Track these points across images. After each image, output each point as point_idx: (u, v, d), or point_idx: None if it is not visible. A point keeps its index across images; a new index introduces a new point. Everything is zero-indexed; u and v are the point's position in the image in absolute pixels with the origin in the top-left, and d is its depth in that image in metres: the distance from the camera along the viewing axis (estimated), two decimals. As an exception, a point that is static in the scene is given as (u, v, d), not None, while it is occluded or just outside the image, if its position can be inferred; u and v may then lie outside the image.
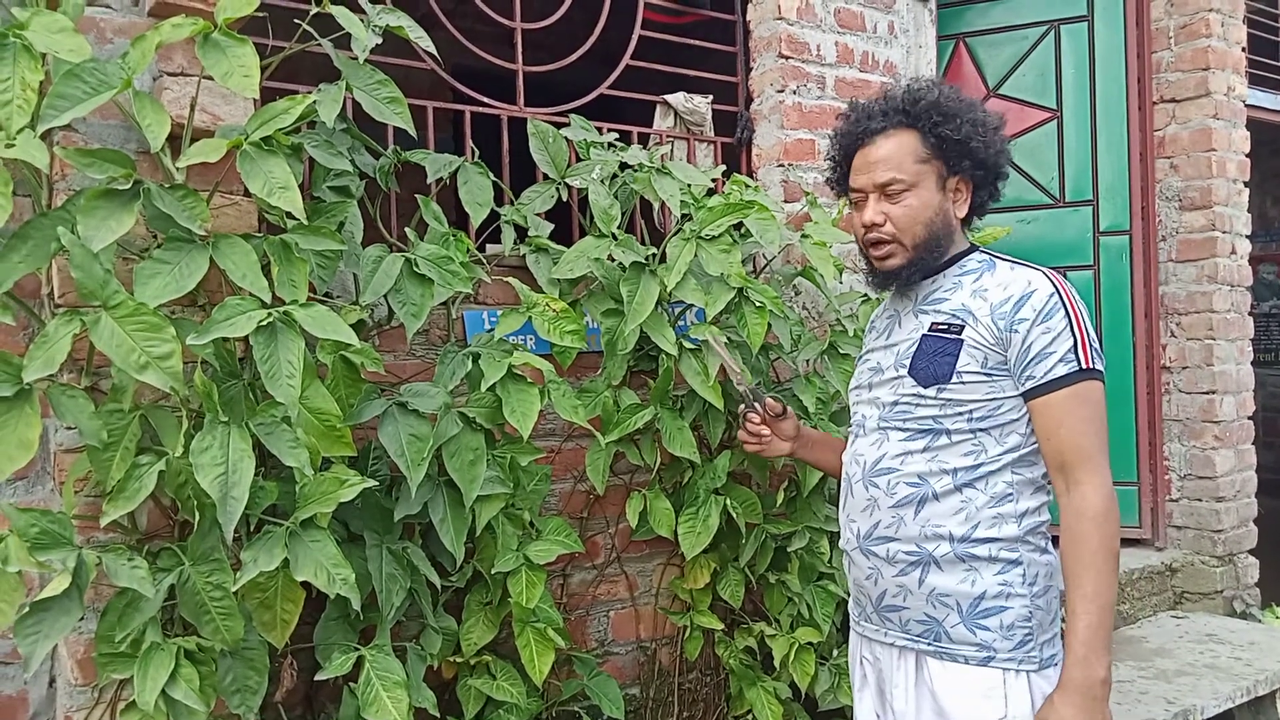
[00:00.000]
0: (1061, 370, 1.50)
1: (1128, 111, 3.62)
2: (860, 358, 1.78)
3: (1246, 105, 3.75)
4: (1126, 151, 3.62)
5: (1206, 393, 3.58)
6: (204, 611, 1.48)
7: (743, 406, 1.90)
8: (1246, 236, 3.71)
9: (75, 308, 1.39)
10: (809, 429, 1.95)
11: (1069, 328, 1.51)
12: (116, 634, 1.45)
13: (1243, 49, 3.71)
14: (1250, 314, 3.79)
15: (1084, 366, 1.50)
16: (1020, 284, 1.55)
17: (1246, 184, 3.71)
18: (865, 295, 2.55)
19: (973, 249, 1.67)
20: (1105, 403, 1.54)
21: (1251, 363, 3.77)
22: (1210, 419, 3.57)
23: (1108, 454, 1.53)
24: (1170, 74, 3.64)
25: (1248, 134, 3.72)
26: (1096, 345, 1.54)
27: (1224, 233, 3.58)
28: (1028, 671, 1.54)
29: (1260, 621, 3.52)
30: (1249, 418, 3.71)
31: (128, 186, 1.43)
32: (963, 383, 1.55)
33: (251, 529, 1.57)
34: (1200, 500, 3.61)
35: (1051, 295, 1.52)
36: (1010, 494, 1.56)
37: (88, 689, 1.58)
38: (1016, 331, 1.52)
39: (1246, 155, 3.71)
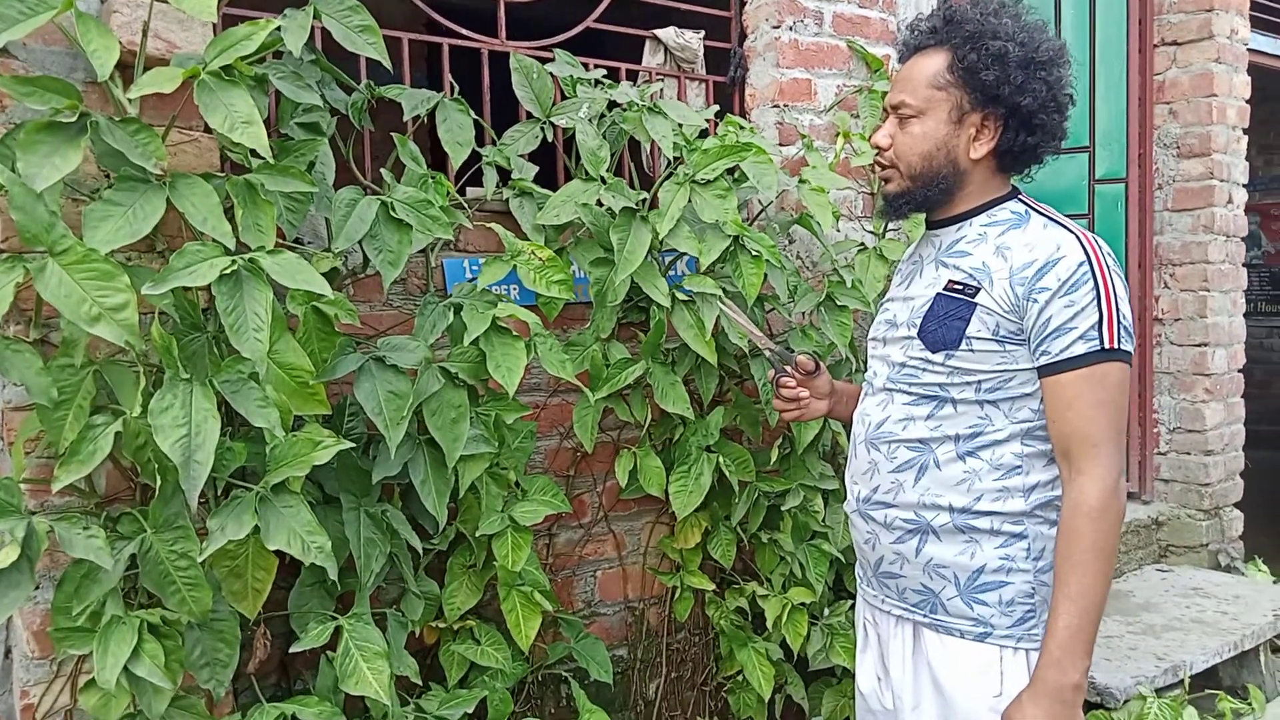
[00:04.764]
0: (1080, 348, 1.37)
1: (1127, 54, 3.50)
2: (881, 304, 1.67)
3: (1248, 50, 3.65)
4: (1125, 96, 3.51)
5: (1198, 345, 3.53)
6: (169, 582, 1.37)
7: (771, 372, 1.77)
8: (1243, 185, 3.64)
9: (18, 254, 1.26)
10: (842, 383, 1.81)
11: (1096, 302, 1.37)
12: (74, 607, 1.35)
13: (1247, -10, 3.60)
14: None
15: (1106, 346, 1.37)
16: (1048, 247, 1.41)
17: (1246, 131, 3.62)
18: (861, 244, 2.46)
19: (1010, 196, 1.53)
20: (1126, 385, 1.42)
21: (1241, 314, 3.72)
22: (1201, 372, 3.52)
23: (1120, 442, 1.41)
24: (1172, 15, 3.52)
25: (1248, 79, 3.62)
26: (1127, 323, 1.40)
27: (1222, 181, 3.50)
28: (1026, 649, 1.47)
29: (1244, 575, 3.52)
30: (1239, 370, 3.67)
31: (74, 119, 1.29)
32: (972, 350, 1.44)
33: (219, 493, 1.47)
34: (1189, 454, 3.57)
35: (1081, 264, 1.39)
36: (1019, 466, 1.47)
37: (46, 662, 1.48)
38: (1035, 301, 1.39)
39: (1246, 101, 3.62)
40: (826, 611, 2.30)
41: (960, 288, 1.48)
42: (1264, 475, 4.09)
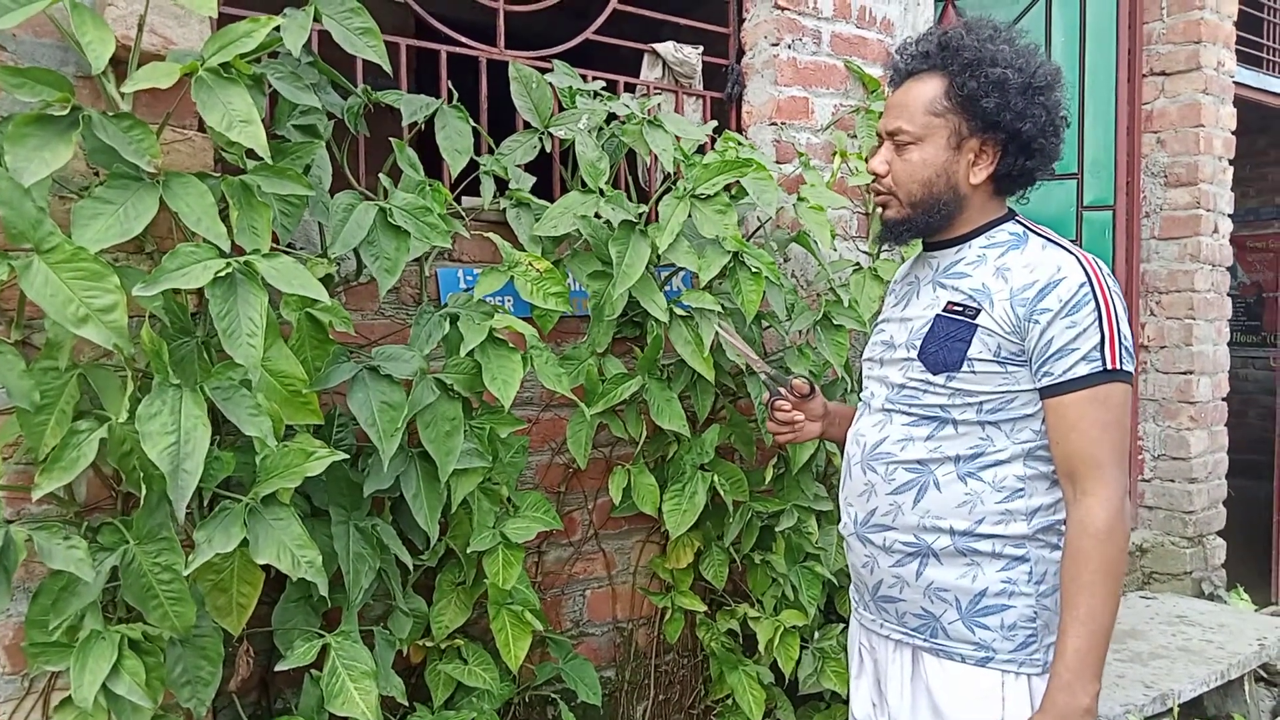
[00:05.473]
0: (1083, 369, 1.36)
1: (1117, 83, 3.53)
2: (876, 325, 1.65)
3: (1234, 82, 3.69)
4: (1114, 125, 3.54)
5: (1184, 373, 3.54)
6: (151, 596, 1.32)
7: (766, 395, 1.74)
8: (1228, 215, 3.67)
9: (3, 251, 1.21)
10: (836, 405, 1.79)
11: (1098, 323, 1.36)
12: (50, 620, 1.29)
13: (1234, 23, 3.64)
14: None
15: (1108, 367, 1.36)
16: (1048, 269, 1.40)
17: (1231, 162, 3.66)
18: (857, 264, 2.44)
19: (1007, 218, 1.52)
20: (1129, 405, 1.41)
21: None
22: (1186, 399, 3.54)
23: (1125, 464, 1.39)
24: (1161, 46, 3.56)
25: (1234, 111, 3.66)
26: (1129, 344, 1.40)
27: (1208, 211, 3.53)
28: (1029, 674, 1.44)
29: (1227, 603, 3.52)
30: (1223, 399, 3.69)
31: (65, 113, 1.25)
32: (974, 372, 1.42)
33: (205, 504, 1.41)
34: (1173, 481, 3.58)
35: (1082, 285, 1.38)
36: (1021, 489, 1.44)
37: (17, 678, 1.41)
38: (1036, 322, 1.38)
39: (1233, 132, 3.65)
40: (818, 635, 2.26)
41: (960, 309, 1.46)
42: (1242, 504, 4.11)
